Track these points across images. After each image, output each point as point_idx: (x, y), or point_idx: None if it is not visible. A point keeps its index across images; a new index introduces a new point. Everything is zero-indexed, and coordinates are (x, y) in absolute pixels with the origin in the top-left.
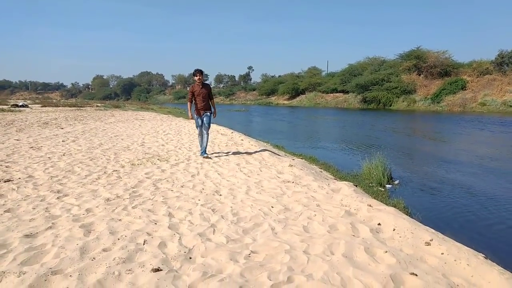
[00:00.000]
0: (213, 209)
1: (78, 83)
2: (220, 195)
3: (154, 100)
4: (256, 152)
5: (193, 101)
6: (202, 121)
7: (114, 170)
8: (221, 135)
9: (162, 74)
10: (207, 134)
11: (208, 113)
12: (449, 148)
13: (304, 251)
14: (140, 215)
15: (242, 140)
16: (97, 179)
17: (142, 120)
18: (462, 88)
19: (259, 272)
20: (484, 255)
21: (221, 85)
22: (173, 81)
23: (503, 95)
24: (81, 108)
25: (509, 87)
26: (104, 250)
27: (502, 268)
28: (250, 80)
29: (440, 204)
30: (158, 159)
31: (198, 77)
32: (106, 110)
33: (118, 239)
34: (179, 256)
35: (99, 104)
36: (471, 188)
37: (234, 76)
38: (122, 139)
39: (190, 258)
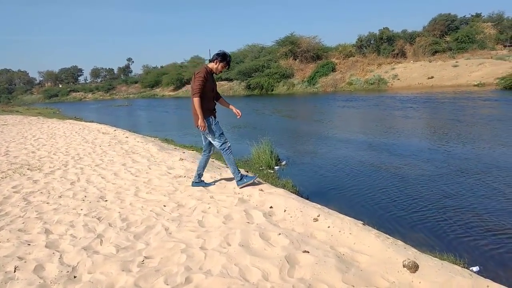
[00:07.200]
0: (99, 218)
1: None
2: (106, 200)
3: (19, 101)
4: (143, 149)
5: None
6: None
7: None
8: (102, 134)
9: (26, 71)
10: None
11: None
12: (326, 126)
13: (201, 247)
14: (8, 237)
15: (126, 137)
16: None
17: (5, 125)
18: (332, 70)
19: (155, 278)
20: (362, 222)
21: (99, 80)
22: (41, 79)
23: (365, 75)
24: None
25: (369, 67)
26: None
27: (378, 231)
28: (131, 72)
29: (324, 178)
30: (28, 169)
31: (223, 64)
32: None
33: None
34: (61, 278)
35: None
36: (348, 161)
37: (113, 69)
38: None
39: (75, 277)
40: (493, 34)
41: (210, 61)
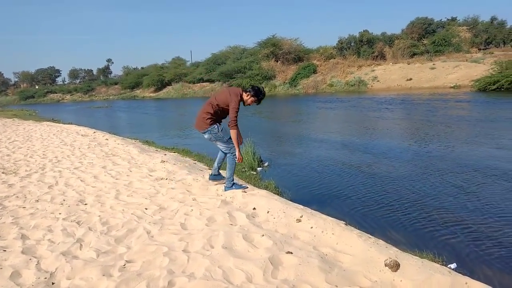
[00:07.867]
0: (78, 222)
1: None
2: (86, 204)
3: None
4: (123, 151)
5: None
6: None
7: None
8: (81, 136)
9: (0, 72)
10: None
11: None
12: (308, 127)
13: (183, 250)
14: None
15: (106, 139)
16: None
17: None
18: (313, 72)
19: (137, 283)
20: (344, 222)
21: (78, 81)
22: (16, 79)
23: (346, 76)
24: None
25: (349, 69)
26: None
27: (359, 231)
28: (111, 73)
29: (306, 179)
30: (2, 172)
31: (253, 99)
32: None
33: None
34: (38, 284)
35: None
36: (328, 161)
37: (92, 70)
38: None
39: (53, 283)
40: (468, 37)
41: (245, 90)
